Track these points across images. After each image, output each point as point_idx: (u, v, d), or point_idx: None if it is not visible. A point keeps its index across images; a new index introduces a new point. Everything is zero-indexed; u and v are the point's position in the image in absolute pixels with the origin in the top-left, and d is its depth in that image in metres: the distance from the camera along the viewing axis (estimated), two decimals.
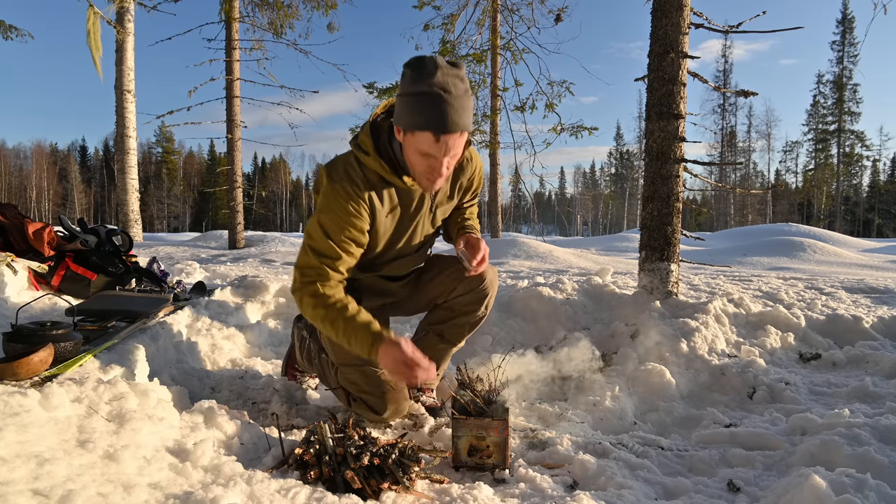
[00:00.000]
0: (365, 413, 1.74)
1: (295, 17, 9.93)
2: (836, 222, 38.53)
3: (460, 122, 1.43)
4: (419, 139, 1.45)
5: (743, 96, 3.26)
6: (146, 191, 48.85)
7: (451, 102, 1.40)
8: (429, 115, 1.41)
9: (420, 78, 1.40)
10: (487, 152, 12.33)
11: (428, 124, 1.41)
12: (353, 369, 1.73)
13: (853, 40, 39.09)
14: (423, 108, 1.41)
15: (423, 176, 1.54)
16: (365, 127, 1.62)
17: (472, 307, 1.86)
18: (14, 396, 1.21)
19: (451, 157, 1.49)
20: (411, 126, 1.45)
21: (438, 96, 1.39)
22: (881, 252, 10.48)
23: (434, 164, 1.49)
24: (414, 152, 1.49)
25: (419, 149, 1.47)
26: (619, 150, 56.46)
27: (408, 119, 1.45)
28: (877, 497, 1.35)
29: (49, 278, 2.47)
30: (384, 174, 1.58)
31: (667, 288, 3.03)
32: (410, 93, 1.42)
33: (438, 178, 1.53)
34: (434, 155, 1.47)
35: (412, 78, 1.42)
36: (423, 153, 1.47)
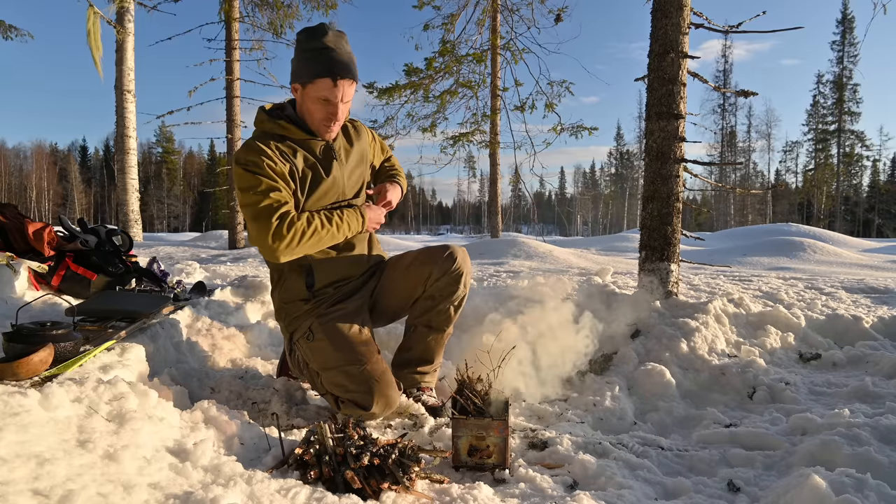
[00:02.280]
0: (354, 412, 1.74)
1: (295, 17, 9.95)
2: (836, 222, 38.52)
3: (353, 69, 1.72)
4: (318, 86, 1.69)
5: (743, 96, 3.26)
6: (146, 191, 48.84)
7: (341, 54, 1.69)
8: (327, 64, 1.67)
9: (315, 37, 1.68)
10: (488, 152, 12.33)
11: (326, 71, 1.68)
12: (336, 372, 1.76)
13: (853, 40, 39.07)
14: (321, 59, 1.67)
15: (322, 123, 1.77)
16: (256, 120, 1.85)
17: (452, 288, 1.92)
18: (14, 396, 1.21)
19: (344, 104, 1.74)
20: (311, 75, 1.69)
21: (334, 50, 1.68)
22: (881, 252, 10.48)
23: (332, 110, 1.74)
24: (313, 101, 1.73)
25: (318, 96, 1.71)
26: (619, 150, 56.49)
27: (307, 70, 1.70)
28: (877, 497, 1.35)
29: (49, 278, 2.47)
30: (282, 130, 1.79)
31: (667, 288, 3.03)
32: (309, 48, 1.69)
33: (335, 121, 1.77)
34: (331, 99, 1.71)
35: (308, 38, 1.69)
36: (322, 98, 1.71)
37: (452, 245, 1.97)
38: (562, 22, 10.23)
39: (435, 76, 10.79)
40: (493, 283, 4.34)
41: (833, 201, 40.74)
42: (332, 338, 1.79)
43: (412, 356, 2.01)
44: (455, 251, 1.94)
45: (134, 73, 9.40)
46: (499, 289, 3.47)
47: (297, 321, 1.86)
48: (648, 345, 2.57)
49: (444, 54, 10.64)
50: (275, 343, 2.73)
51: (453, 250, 1.94)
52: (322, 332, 1.80)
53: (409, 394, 1.97)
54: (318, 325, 1.81)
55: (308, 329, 1.82)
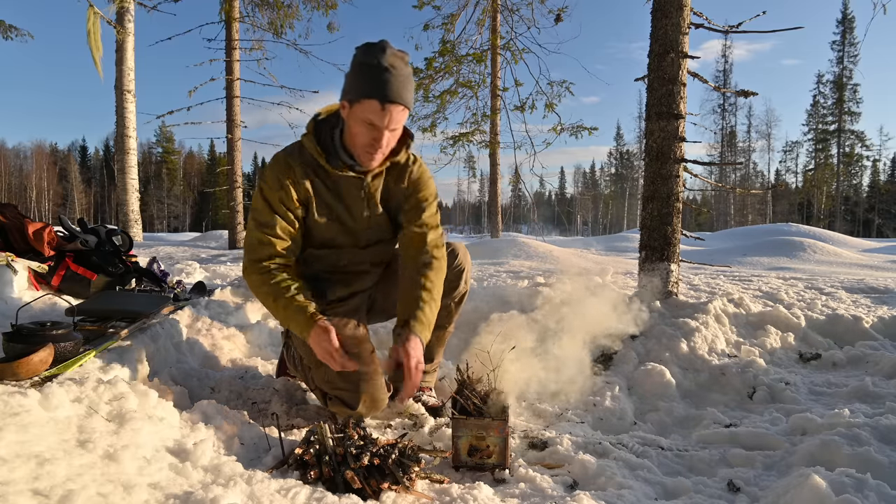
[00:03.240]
0: (341, 410, 1.73)
1: (295, 17, 9.94)
2: (836, 222, 38.51)
3: (405, 95, 1.56)
4: (365, 107, 1.55)
5: (743, 96, 3.26)
6: (146, 191, 48.83)
7: (396, 76, 1.54)
8: (376, 84, 1.53)
9: (370, 53, 1.55)
10: (488, 152, 12.33)
11: (374, 91, 1.53)
12: (326, 368, 1.73)
13: (853, 40, 39.07)
14: (371, 78, 1.54)
15: (364, 148, 1.63)
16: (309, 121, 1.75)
17: (452, 285, 1.91)
18: (14, 396, 1.21)
19: (391, 132, 1.60)
20: (359, 94, 1.55)
21: (386, 69, 1.53)
22: (881, 252, 10.48)
23: (376, 136, 1.59)
24: (358, 122, 1.59)
25: (365, 117, 1.57)
26: (619, 150, 56.48)
27: (356, 88, 1.56)
28: (877, 497, 1.35)
29: (49, 278, 2.47)
30: (317, 156, 1.68)
31: (667, 288, 3.03)
32: (360, 64, 1.55)
33: (378, 150, 1.62)
34: (377, 124, 1.57)
35: (363, 53, 1.56)
36: (368, 122, 1.57)
37: (453, 242, 1.96)
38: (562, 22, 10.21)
39: (435, 76, 10.79)
40: (493, 283, 4.33)
41: (833, 201, 40.73)
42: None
43: None
44: (456, 247, 1.94)
45: (134, 73, 9.40)
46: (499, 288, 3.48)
47: None
48: (648, 345, 2.57)
49: (444, 54, 10.64)
50: (275, 343, 2.73)
51: (454, 247, 1.94)
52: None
53: (414, 398, 1.96)
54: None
55: None
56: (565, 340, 2.24)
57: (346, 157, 1.69)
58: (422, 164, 1.83)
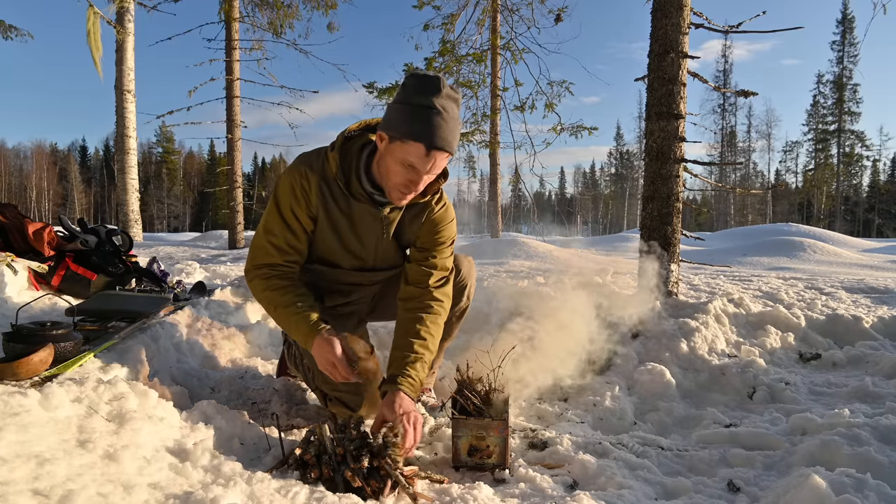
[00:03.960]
0: (341, 411, 1.73)
1: (295, 17, 9.95)
2: (836, 222, 38.52)
3: (453, 142, 1.47)
4: (409, 149, 1.45)
5: (743, 96, 3.26)
6: (146, 191, 48.85)
7: (448, 120, 1.44)
8: (426, 128, 1.42)
9: (426, 92, 1.43)
10: (488, 152, 12.33)
11: (423, 136, 1.42)
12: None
13: (853, 40, 39.08)
14: (422, 120, 1.42)
15: (397, 188, 1.53)
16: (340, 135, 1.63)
17: (456, 300, 1.87)
18: (14, 396, 1.21)
19: (429, 175, 1.51)
20: (406, 135, 1.44)
21: (439, 113, 1.43)
22: (881, 252, 10.48)
23: (413, 178, 1.49)
24: (397, 162, 1.48)
25: (405, 159, 1.46)
26: (619, 150, 56.47)
27: (404, 127, 1.44)
28: (877, 497, 1.35)
29: (49, 278, 2.47)
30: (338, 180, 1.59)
31: (667, 288, 3.03)
32: (412, 103, 1.43)
33: (413, 192, 1.53)
34: (418, 168, 1.47)
35: (417, 90, 1.44)
36: (408, 164, 1.47)
37: (458, 255, 1.89)
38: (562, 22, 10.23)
39: None
40: (493, 283, 4.33)
41: (833, 201, 40.74)
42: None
43: None
44: (461, 262, 1.88)
45: (134, 73, 9.39)
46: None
47: None
48: (648, 345, 2.57)
49: (444, 54, 10.64)
50: (275, 343, 2.73)
51: (459, 260, 1.88)
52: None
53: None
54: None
55: None
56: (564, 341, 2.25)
57: (369, 184, 1.60)
58: (446, 205, 1.74)
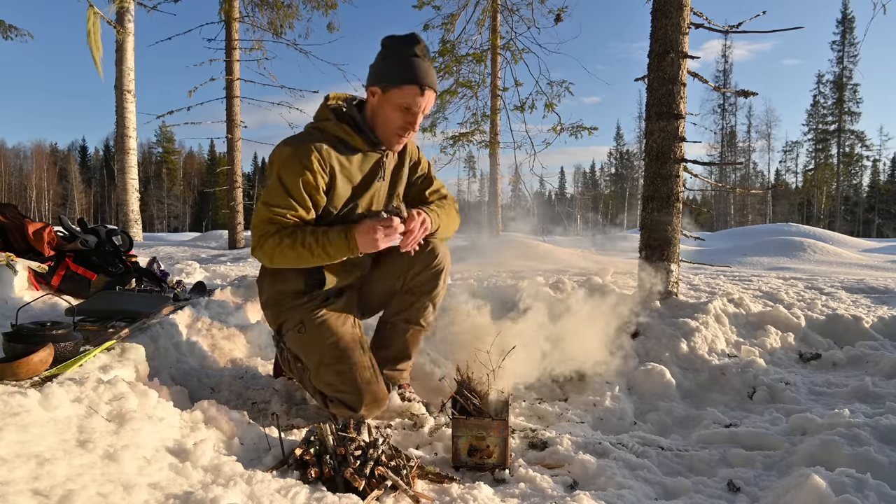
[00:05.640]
0: (342, 412, 1.74)
1: (295, 17, 9.94)
2: (836, 222, 38.50)
3: (436, 82, 1.72)
4: (405, 92, 1.66)
5: (743, 96, 3.26)
6: (146, 191, 48.82)
7: (430, 67, 1.70)
8: (415, 72, 1.66)
9: (408, 45, 1.67)
10: (488, 152, 12.33)
11: (414, 78, 1.66)
12: (326, 370, 1.76)
13: (853, 40, 39.05)
14: (411, 66, 1.66)
15: (396, 132, 1.73)
16: (321, 108, 1.80)
17: (431, 284, 1.92)
18: (14, 396, 1.21)
19: (422, 115, 1.72)
20: (397, 80, 1.66)
21: (424, 59, 1.69)
22: (881, 252, 10.47)
23: (410, 119, 1.70)
24: (394, 108, 1.69)
25: (403, 102, 1.68)
26: (619, 150, 56.46)
27: (392, 75, 1.67)
28: (877, 497, 1.35)
29: (49, 278, 2.47)
30: (345, 136, 1.73)
31: (667, 288, 3.03)
32: (401, 55, 1.67)
33: (411, 133, 1.74)
34: (414, 109, 1.68)
35: (401, 45, 1.68)
36: (405, 107, 1.68)
37: (434, 241, 1.93)
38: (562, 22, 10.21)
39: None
40: (494, 283, 4.33)
41: (833, 201, 40.73)
42: (324, 333, 1.77)
43: (390, 353, 1.99)
44: (437, 247, 1.92)
45: (134, 73, 9.39)
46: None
47: (287, 313, 1.83)
48: (648, 345, 2.57)
49: (443, 54, 10.63)
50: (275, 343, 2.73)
51: (434, 246, 1.92)
52: (314, 326, 1.78)
53: (401, 396, 1.96)
54: (309, 320, 1.79)
55: (300, 322, 1.80)
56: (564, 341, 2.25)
57: (372, 136, 1.75)
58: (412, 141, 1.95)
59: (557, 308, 2.54)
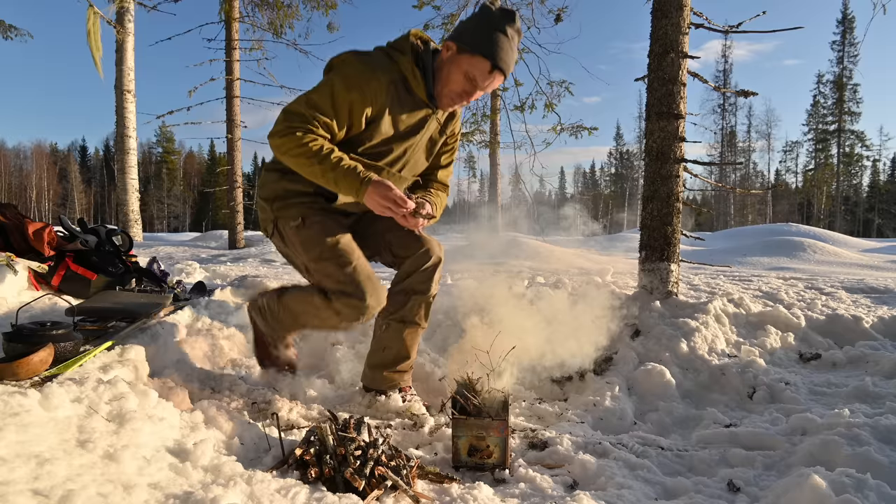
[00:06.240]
0: (347, 303, 1.68)
1: (295, 17, 9.92)
2: (836, 222, 38.51)
3: (511, 67, 1.66)
4: (476, 62, 1.62)
5: (743, 96, 3.26)
6: (146, 191, 48.84)
7: (513, 50, 1.65)
8: (498, 49, 1.61)
9: (506, 20, 1.62)
10: (488, 152, 12.34)
11: (493, 55, 1.61)
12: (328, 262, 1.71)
13: (853, 40, 39.06)
14: (497, 41, 1.61)
15: (452, 95, 1.68)
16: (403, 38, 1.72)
17: (424, 285, 1.91)
18: (14, 396, 1.21)
19: (483, 91, 1.68)
20: (478, 48, 1.60)
21: (512, 40, 1.63)
22: (881, 252, 10.47)
23: (469, 90, 1.66)
24: (460, 72, 1.64)
25: (469, 71, 1.63)
26: (619, 150, 56.45)
27: (478, 41, 1.61)
28: (877, 497, 1.35)
29: (49, 278, 2.47)
30: (411, 78, 1.68)
31: (667, 288, 3.03)
32: (492, 24, 1.61)
33: (465, 102, 1.69)
34: (478, 82, 1.64)
35: (500, 17, 1.62)
36: (470, 77, 1.64)
37: (429, 239, 1.92)
38: (562, 22, 10.20)
39: None
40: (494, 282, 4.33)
41: (833, 201, 40.73)
42: (327, 230, 1.74)
43: (388, 355, 1.98)
44: (430, 248, 1.90)
45: (134, 73, 9.39)
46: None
47: (287, 209, 1.78)
48: (648, 345, 2.57)
49: None
50: None
51: (430, 245, 1.91)
52: (314, 223, 1.74)
53: (403, 399, 1.96)
54: (312, 215, 1.75)
55: (300, 217, 1.75)
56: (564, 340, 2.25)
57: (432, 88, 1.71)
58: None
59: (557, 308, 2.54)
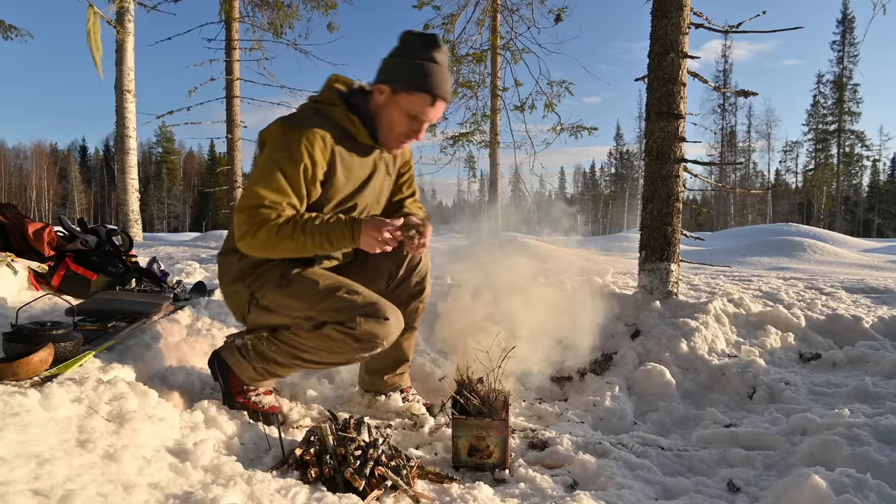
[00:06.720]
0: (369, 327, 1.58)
1: (295, 17, 9.92)
2: (836, 222, 38.50)
3: (451, 89, 1.63)
4: (415, 100, 1.58)
5: (743, 96, 3.26)
6: (146, 191, 48.85)
7: (447, 75, 1.61)
8: (433, 81, 1.57)
9: (429, 48, 1.58)
10: (488, 152, 12.33)
11: (431, 88, 1.57)
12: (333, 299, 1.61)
13: (853, 40, 39.07)
14: (430, 72, 1.57)
15: (398, 138, 1.65)
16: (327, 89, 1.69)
17: (417, 288, 1.91)
18: (14, 396, 1.21)
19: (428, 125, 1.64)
20: (412, 87, 1.57)
21: (443, 68, 1.60)
22: (881, 252, 10.47)
23: (416, 128, 1.63)
24: (401, 113, 1.60)
25: (410, 110, 1.59)
26: (619, 150, 56.46)
27: (411, 78, 1.57)
28: (877, 497, 1.35)
29: (49, 278, 2.47)
30: (350, 127, 1.64)
31: (667, 288, 3.03)
32: (419, 57, 1.57)
33: (413, 140, 1.66)
34: (422, 118, 1.61)
35: (423, 46, 1.58)
36: (412, 115, 1.60)
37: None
38: (562, 22, 10.21)
39: None
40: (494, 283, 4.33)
41: (833, 201, 40.73)
42: (314, 273, 1.66)
43: (388, 360, 1.96)
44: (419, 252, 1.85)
45: (134, 73, 9.37)
46: None
47: (264, 276, 1.67)
48: (648, 345, 2.57)
49: None
50: None
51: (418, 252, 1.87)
52: (299, 272, 1.65)
53: (404, 399, 1.96)
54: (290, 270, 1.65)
55: (280, 276, 1.65)
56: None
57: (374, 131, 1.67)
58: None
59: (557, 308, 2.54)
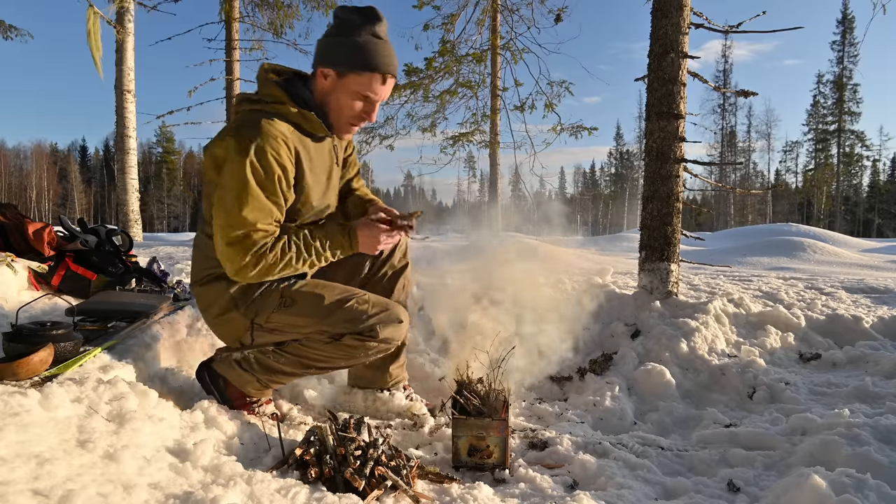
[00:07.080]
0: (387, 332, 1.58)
1: (295, 17, 9.92)
2: (836, 222, 38.50)
3: (397, 63, 1.54)
4: (364, 80, 1.49)
5: (743, 96, 3.26)
6: (146, 191, 48.84)
7: (391, 48, 1.51)
8: (381, 58, 1.48)
9: (371, 23, 1.48)
10: (488, 152, 12.33)
11: (380, 66, 1.48)
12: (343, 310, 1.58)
13: (853, 40, 39.07)
14: (375, 50, 1.47)
15: (350, 120, 1.57)
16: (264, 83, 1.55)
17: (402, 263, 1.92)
18: (14, 396, 1.21)
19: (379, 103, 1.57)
20: (359, 67, 1.48)
21: (387, 43, 1.50)
22: (881, 252, 10.47)
23: (368, 109, 1.55)
24: (350, 94, 1.52)
25: (359, 90, 1.51)
26: (619, 150, 56.46)
27: (356, 58, 1.47)
28: (877, 497, 1.35)
29: (49, 278, 2.47)
30: (303, 122, 1.53)
31: (667, 288, 3.03)
32: (360, 32, 1.47)
33: (367, 121, 1.58)
34: (374, 97, 1.52)
35: (363, 22, 1.47)
36: (363, 95, 1.52)
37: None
38: (562, 22, 10.22)
39: (435, 76, 10.78)
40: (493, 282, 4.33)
41: (833, 201, 40.73)
42: (315, 286, 1.62)
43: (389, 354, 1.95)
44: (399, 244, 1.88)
45: (134, 73, 9.37)
46: None
47: (260, 300, 1.60)
48: (648, 345, 2.57)
49: (443, 54, 10.62)
50: None
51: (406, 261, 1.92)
52: (301, 294, 1.59)
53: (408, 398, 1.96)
54: (288, 289, 1.60)
55: (280, 299, 1.59)
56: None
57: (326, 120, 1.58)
58: None
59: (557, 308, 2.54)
